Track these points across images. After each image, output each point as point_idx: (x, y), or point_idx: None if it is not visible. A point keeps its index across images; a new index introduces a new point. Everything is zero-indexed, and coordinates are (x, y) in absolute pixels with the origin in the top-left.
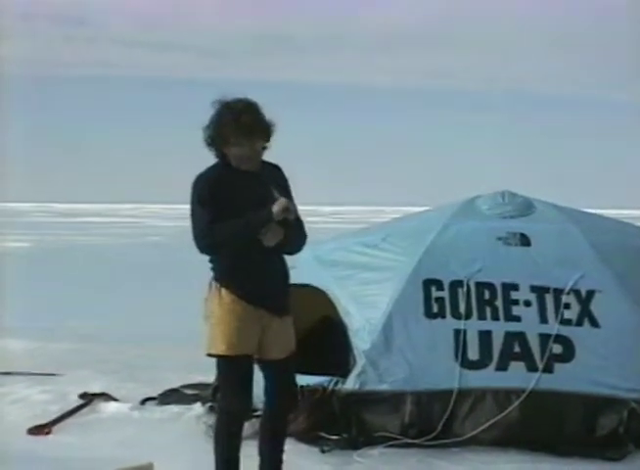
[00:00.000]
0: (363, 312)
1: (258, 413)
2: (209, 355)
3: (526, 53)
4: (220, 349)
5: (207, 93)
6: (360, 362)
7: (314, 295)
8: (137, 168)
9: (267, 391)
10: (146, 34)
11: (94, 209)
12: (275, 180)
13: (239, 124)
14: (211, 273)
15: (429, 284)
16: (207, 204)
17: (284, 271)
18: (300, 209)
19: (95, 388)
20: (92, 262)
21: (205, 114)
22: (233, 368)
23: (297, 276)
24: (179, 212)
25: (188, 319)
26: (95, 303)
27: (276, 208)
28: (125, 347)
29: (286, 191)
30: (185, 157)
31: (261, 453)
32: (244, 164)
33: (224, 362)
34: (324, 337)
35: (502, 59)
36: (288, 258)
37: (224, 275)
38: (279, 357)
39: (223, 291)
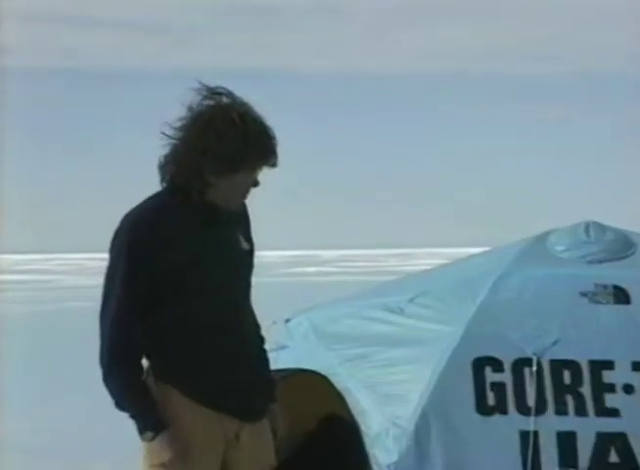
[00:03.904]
0: (385, 409)
1: None
2: None
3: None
4: None
5: (160, 88)
6: None
7: (314, 384)
8: (49, 202)
9: None
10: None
11: None
12: (238, 218)
13: (260, 143)
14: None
15: (481, 364)
16: (130, 275)
17: (260, 356)
18: (293, 254)
19: None
20: None
21: (158, 115)
22: None
23: (289, 358)
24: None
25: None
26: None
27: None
28: (43, 462)
29: (248, 233)
30: (125, 184)
31: None
32: (233, 201)
33: None
34: (329, 445)
35: (562, 31)
36: (276, 332)
37: (170, 365)
38: None
39: (168, 389)
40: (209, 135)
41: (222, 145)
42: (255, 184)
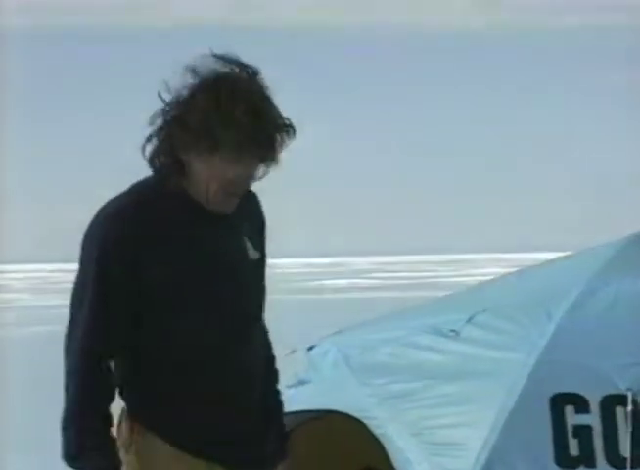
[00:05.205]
0: (436, 460)
1: None
2: None
3: None
4: None
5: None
6: None
7: (345, 429)
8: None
9: None
10: None
11: None
12: (249, 217)
13: (246, 129)
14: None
15: (561, 402)
16: (102, 289)
17: (268, 396)
18: (316, 263)
19: None
20: None
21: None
22: None
23: (311, 396)
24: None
25: None
26: None
27: None
28: None
29: (260, 240)
30: (109, 171)
31: None
32: (212, 196)
33: None
34: None
35: None
36: (296, 364)
37: (150, 405)
38: None
39: (149, 435)
40: (186, 102)
41: (190, 114)
42: (247, 182)
